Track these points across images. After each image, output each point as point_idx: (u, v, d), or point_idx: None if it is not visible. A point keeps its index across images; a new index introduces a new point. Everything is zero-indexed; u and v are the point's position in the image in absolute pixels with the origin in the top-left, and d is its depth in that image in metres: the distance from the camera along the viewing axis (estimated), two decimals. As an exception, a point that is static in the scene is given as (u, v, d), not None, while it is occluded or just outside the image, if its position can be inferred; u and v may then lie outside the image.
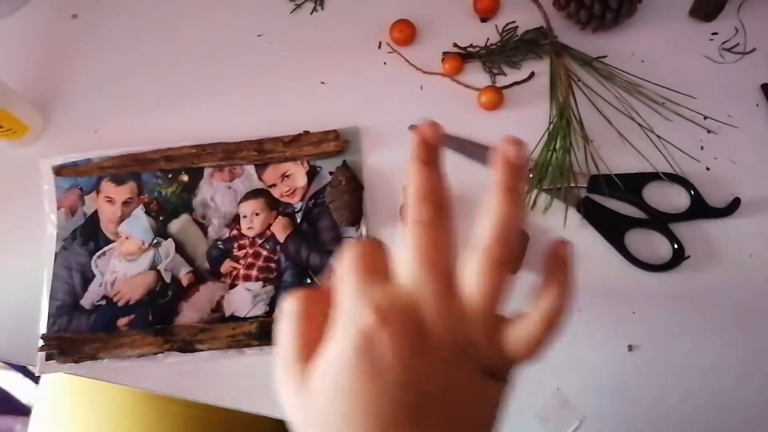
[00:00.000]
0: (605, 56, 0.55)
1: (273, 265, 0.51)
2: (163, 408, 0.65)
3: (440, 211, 0.30)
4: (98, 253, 0.53)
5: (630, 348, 0.47)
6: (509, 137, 0.29)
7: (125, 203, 0.54)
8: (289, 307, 0.33)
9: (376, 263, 0.31)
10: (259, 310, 0.50)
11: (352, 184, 0.52)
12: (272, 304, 0.50)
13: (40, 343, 0.50)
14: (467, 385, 0.31)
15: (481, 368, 0.31)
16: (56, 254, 0.53)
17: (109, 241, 0.53)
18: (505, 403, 0.32)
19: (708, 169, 0.51)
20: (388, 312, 0.29)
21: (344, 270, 0.31)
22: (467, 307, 0.30)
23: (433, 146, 0.31)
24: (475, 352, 0.30)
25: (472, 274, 0.30)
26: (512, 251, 0.30)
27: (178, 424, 0.64)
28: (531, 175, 0.51)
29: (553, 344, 0.30)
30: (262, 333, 0.49)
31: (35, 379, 1.25)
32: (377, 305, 0.29)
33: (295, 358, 0.32)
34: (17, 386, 1.35)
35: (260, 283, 0.51)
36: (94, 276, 0.52)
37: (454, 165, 0.53)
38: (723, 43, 0.55)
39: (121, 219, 0.54)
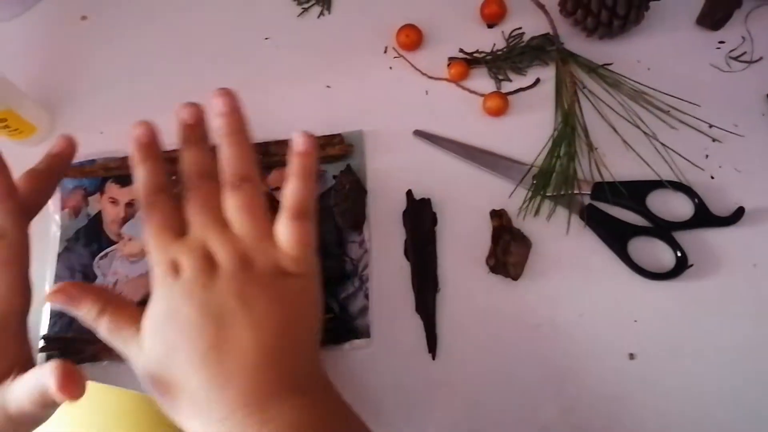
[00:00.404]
0: (611, 63, 0.55)
1: (275, 268, 0.51)
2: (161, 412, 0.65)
3: (204, 177, 0.40)
4: (101, 254, 0.53)
5: (631, 356, 0.47)
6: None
7: (129, 205, 0.54)
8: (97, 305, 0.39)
9: (170, 218, 0.39)
10: (261, 312, 0.50)
11: (356, 187, 0.52)
12: (274, 306, 0.50)
13: (41, 344, 0.50)
14: (264, 288, 0.37)
15: (274, 270, 0.38)
16: (59, 255, 0.53)
17: (111, 243, 0.53)
18: (310, 293, 0.40)
19: (712, 177, 0.51)
20: (183, 256, 0.38)
21: (146, 227, 0.39)
22: (237, 231, 0.39)
23: (194, 126, 0.43)
24: (259, 259, 0.38)
25: (231, 211, 0.39)
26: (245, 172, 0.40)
27: (176, 428, 0.64)
28: (535, 182, 0.51)
29: (312, 225, 0.39)
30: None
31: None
32: (170, 258, 0.38)
33: (125, 328, 0.38)
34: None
35: (262, 285, 0.51)
36: (96, 277, 0.52)
37: (457, 171, 0.53)
38: (730, 51, 0.55)
39: (125, 220, 0.54)
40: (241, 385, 0.35)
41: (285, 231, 0.38)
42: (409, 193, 0.52)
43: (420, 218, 0.51)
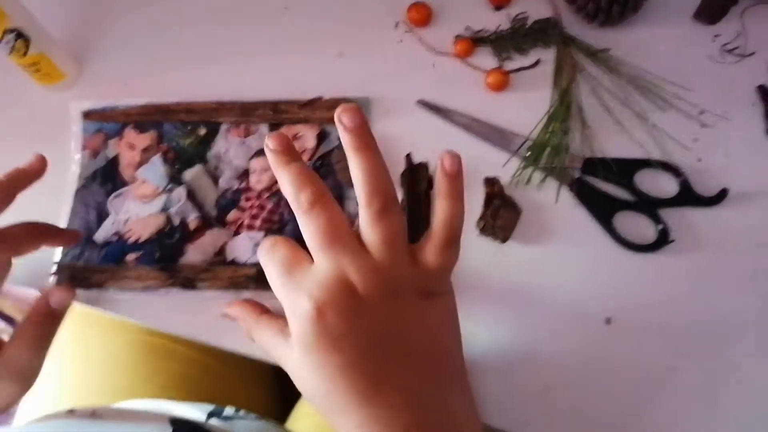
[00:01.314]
0: (610, 49, 0.58)
1: (276, 217, 0.54)
2: (160, 364, 0.67)
3: (323, 193, 0.35)
4: (115, 194, 0.56)
5: (608, 321, 0.49)
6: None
7: (145, 150, 0.57)
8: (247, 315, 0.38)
9: (295, 255, 0.35)
10: (259, 257, 0.53)
11: (359, 148, 0.55)
12: (272, 253, 0.53)
13: (53, 269, 0.53)
14: (413, 314, 0.35)
15: (418, 294, 0.35)
16: (76, 191, 0.56)
17: (126, 184, 0.56)
18: (453, 310, 0.38)
19: (699, 160, 0.53)
20: (322, 293, 0.33)
21: (270, 271, 0.35)
22: (378, 257, 0.34)
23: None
24: (404, 284, 0.35)
25: (368, 233, 0.35)
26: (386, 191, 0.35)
27: (174, 369, 0.66)
28: (529, 153, 0.54)
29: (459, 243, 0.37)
30: (260, 277, 0.51)
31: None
32: (310, 292, 0.33)
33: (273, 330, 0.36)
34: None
35: (262, 232, 0.54)
36: (108, 214, 0.55)
37: (456, 139, 0.56)
38: (724, 44, 0.57)
39: (140, 164, 0.57)
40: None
41: (435, 256, 0.36)
42: (408, 155, 0.55)
43: (417, 180, 0.54)
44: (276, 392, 0.78)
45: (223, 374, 0.69)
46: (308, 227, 0.34)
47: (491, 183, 0.53)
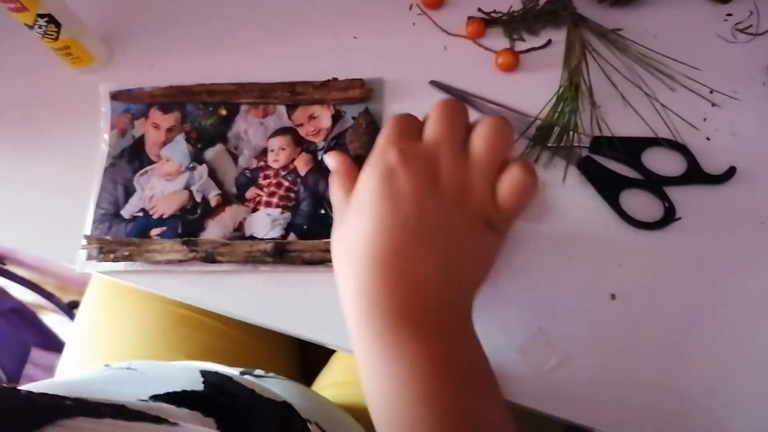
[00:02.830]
0: (620, 29, 0.58)
1: (292, 195, 0.57)
2: (186, 334, 0.71)
3: (455, 104, 0.41)
4: (141, 171, 0.59)
5: (613, 297, 0.50)
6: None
7: (169, 130, 0.60)
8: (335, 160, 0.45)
9: (410, 126, 0.41)
10: (276, 233, 0.55)
11: (372, 128, 0.57)
12: (288, 228, 0.55)
13: (83, 242, 0.56)
14: (465, 228, 0.38)
15: (480, 218, 0.39)
16: (105, 169, 0.59)
17: (151, 162, 0.59)
18: (496, 255, 0.41)
19: (708, 139, 0.54)
20: (411, 155, 0.38)
21: (385, 126, 0.41)
22: (472, 163, 0.38)
23: None
24: (474, 201, 0.38)
25: (477, 135, 0.39)
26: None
27: (201, 340, 0.70)
28: (537, 132, 0.55)
29: (532, 195, 0.41)
30: (276, 252, 0.54)
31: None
32: (403, 148, 0.38)
33: (343, 190, 0.42)
34: (62, 327, 1.45)
35: (279, 209, 0.56)
36: (135, 191, 0.58)
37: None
38: (736, 24, 0.57)
39: (164, 143, 0.60)
40: (406, 302, 0.37)
41: (512, 189, 0.39)
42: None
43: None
44: (298, 363, 0.81)
45: (248, 345, 0.72)
46: (440, 108, 0.40)
47: (500, 161, 0.54)
